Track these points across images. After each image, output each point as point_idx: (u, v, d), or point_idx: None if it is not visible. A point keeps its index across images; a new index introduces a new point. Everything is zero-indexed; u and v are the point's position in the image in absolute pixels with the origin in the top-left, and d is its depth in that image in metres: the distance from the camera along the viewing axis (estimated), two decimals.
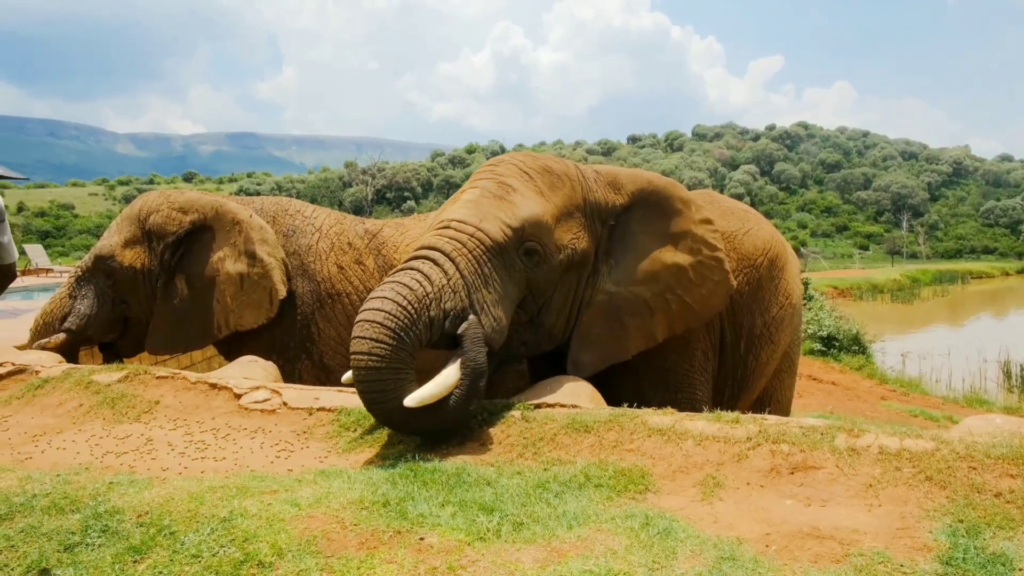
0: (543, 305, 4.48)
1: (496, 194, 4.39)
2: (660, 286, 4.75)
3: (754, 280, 5.46)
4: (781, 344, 5.72)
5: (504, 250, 4.21)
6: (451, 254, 4.09)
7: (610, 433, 3.59)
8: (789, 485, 3.11)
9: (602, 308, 4.68)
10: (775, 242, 5.69)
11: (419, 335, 3.85)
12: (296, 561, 2.50)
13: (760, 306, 5.50)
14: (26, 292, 17.17)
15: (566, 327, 4.67)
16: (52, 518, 2.90)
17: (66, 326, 6.02)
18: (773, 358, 5.72)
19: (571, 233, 4.51)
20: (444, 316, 3.94)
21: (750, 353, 5.51)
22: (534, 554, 2.53)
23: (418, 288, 3.90)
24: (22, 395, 5.06)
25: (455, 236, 4.18)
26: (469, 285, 4.05)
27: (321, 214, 6.28)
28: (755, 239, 5.55)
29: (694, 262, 4.83)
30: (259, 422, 4.40)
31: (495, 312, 4.11)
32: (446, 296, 3.96)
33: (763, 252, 5.53)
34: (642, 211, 4.83)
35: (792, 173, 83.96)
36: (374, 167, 70.66)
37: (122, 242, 6.06)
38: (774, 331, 5.58)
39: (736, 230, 5.52)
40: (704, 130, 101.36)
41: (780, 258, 5.67)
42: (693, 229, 4.87)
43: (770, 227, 5.88)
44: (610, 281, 4.70)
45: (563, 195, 4.55)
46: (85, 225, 61.26)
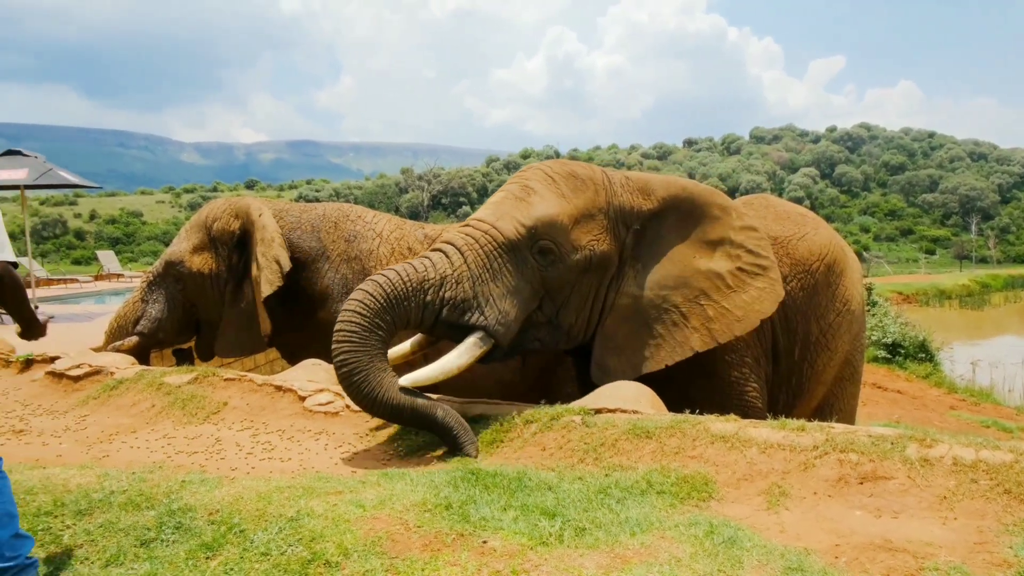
0: (561, 305, 4.53)
1: (518, 196, 4.56)
2: (693, 292, 4.67)
3: (809, 286, 5.33)
4: (839, 351, 5.57)
5: (516, 247, 4.35)
6: (462, 248, 4.30)
7: (672, 439, 3.56)
8: (858, 495, 3.03)
9: (626, 311, 4.66)
10: (833, 247, 5.55)
11: (403, 315, 4.06)
12: (362, 561, 2.53)
13: (816, 312, 5.36)
14: (99, 296, 17.82)
15: (586, 328, 4.69)
16: (129, 514, 3.00)
17: (138, 329, 6.23)
18: (831, 365, 5.57)
19: (590, 235, 4.54)
20: (442, 303, 4.15)
21: (805, 360, 5.39)
22: (597, 560, 2.52)
23: (416, 273, 4.13)
24: (98, 395, 5.25)
25: (470, 233, 4.39)
26: (475, 278, 4.23)
27: (381, 220, 6.36)
28: (811, 244, 5.42)
29: (732, 268, 4.72)
30: (323, 424, 4.49)
31: (501, 305, 4.26)
32: (448, 285, 4.17)
33: (819, 257, 5.40)
34: (675, 217, 4.79)
35: (854, 176, 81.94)
36: (430, 173, 71.32)
37: (190, 248, 6.24)
38: (831, 338, 5.44)
39: (791, 235, 5.41)
40: (762, 133, 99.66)
41: (838, 263, 5.52)
42: (732, 235, 4.78)
43: (829, 231, 5.73)
44: (635, 285, 4.67)
45: (585, 198, 4.59)
46: (153, 232, 63.24)
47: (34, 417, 5.03)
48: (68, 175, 12.01)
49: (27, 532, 2.73)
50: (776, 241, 5.33)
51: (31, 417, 5.02)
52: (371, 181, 78.92)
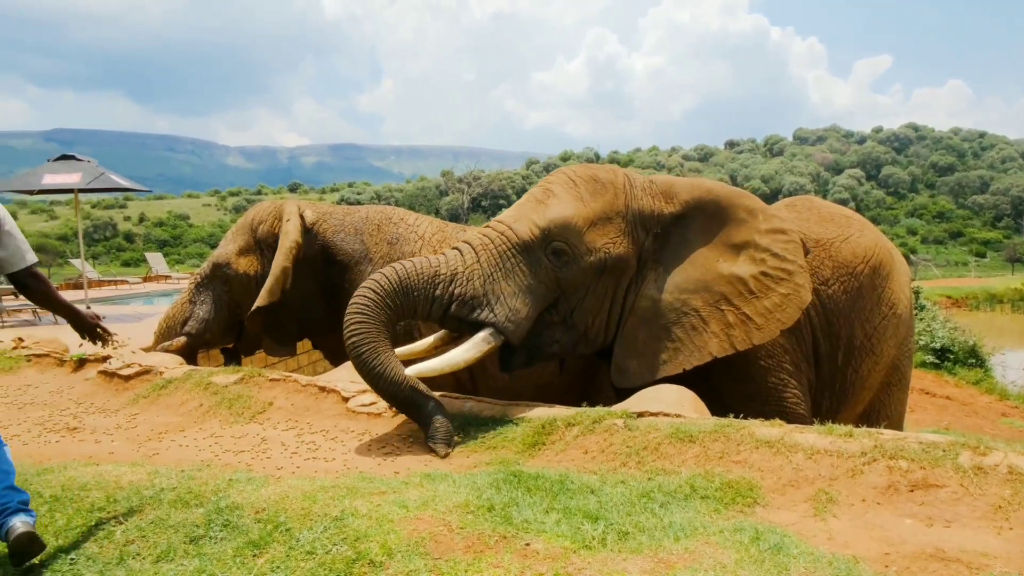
0: (575, 306, 4.57)
1: (538, 199, 4.68)
2: (714, 296, 4.61)
3: (853, 289, 5.23)
4: (885, 356, 5.46)
5: (530, 248, 4.46)
6: (477, 247, 4.46)
7: (716, 444, 3.52)
8: (908, 503, 2.97)
9: (646, 315, 4.64)
10: (879, 249, 5.43)
11: (411, 304, 4.27)
12: (406, 561, 2.55)
13: (861, 316, 5.25)
14: (147, 297, 18.23)
15: (606, 331, 4.70)
16: (178, 511, 3.06)
17: (186, 330, 6.36)
18: (876, 370, 5.46)
19: (606, 238, 4.56)
20: (451, 299, 4.32)
21: (849, 365, 5.29)
22: (641, 564, 2.50)
23: (429, 268, 4.34)
24: (148, 394, 5.37)
25: (487, 233, 4.54)
26: (486, 276, 4.37)
27: (423, 222, 6.41)
28: (855, 246, 5.32)
29: (756, 272, 4.64)
30: (366, 425, 4.53)
31: (512, 303, 4.36)
32: (458, 281, 4.34)
33: (863, 259, 5.29)
34: (700, 220, 4.74)
35: (901, 177, 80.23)
36: (470, 175, 71.56)
37: (236, 250, 6.35)
38: (876, 342, 5.33)
39: (834, 237, 5.32)
40: (806, 134, 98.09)
41: (884, 266, 5.41)
42: (757, 239, 4.69)
43: (875, 234, 5.61)
44: (655, 288, 4.65)
45: (603, 201, 4.62)
46: (199, 234, 64.47)
47: (87, 415, 5.16)
48: (119, 179, 12.31)
49: (21, 488, 2.84)
50: (818, 243, 5.25)
51: (84, 415, 5.16)
52: (412, 184, 79.48)
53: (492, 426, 4.20)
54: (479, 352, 4.30)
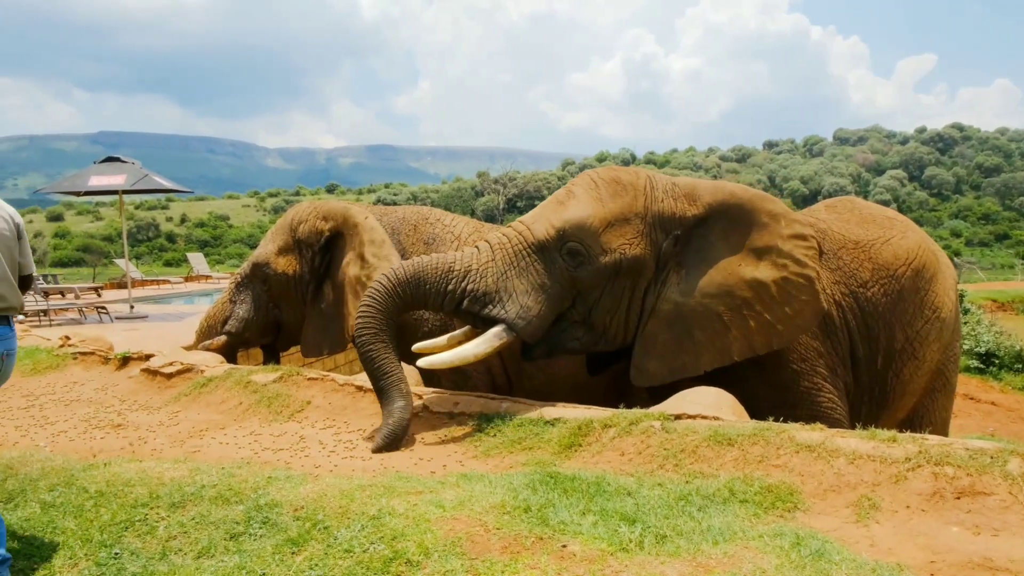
0: (592, 306, 4.64)
1: (559, 200, 4.79)
2: (736, 301, 4.61)
3: (893, 291, 5.13)
4: (928, 360, 5.34)
5: (546, 248, 4.57)
6: (494, 245, 4.61)
7: (755, 447, 3.48)
8: (954, 511, 2.90)
9: (667, 317, 4.65)
10: (922, 251, 5.32)
11: (422, 296, 4.50)
12: (442, 561, 2.56)
13: (902, 319, 5.15)
14: (188, 297, 18.56)
15: (625, 331, 4.73)
16: (219, 508, 3.11)
17: (226, 329, 6.45)
18: (918, 375, 5.34)
19: (623, 239, 4.60)
20: (463, 294, 4.48)
21: (889, 369, 5.18)
22: (679, 568, 2.48)
23: (444, 263, 4.52)
24: (189, 392, 5.46)
25: (506, 232, 4.69)
26: (499, 273, 4.51)
27: (460, 223, 6.42)
28: (896, 248, 5.22)
29: (778, 278, 4.61)
30: None
31: (523, 300, 4.48)
32: (471, 277, 4.50)
33: (905, 262, 5.19)
34: (722, 223, 4.72)
35: (945, 178, 78.57)
36: (505, 176, 71.68)
37: (276, 250, 6.43)
38: (918, 346, 5.22)
39: (874, 238, 5.22)
40: (846, 134, 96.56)
41: (927, 268, 5.29)
42: (780, 244, 4.66)
43: (919, 236, 5.49)
44: (678, 291, 4.66)
45: (621, 203, 4.66)
46: (239, 235, 65.46)
47: (131, 412, 5.26)
48: (162, 180, 12.54)
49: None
50: (857, 245, 5.18)
51: (128, 412, 5.26)
52: (447, 184, 79.83)
53: (528, 427, 4.20)
54: (490, 347, 4.44)
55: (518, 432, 4.16)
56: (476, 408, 4.54)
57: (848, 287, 5.07)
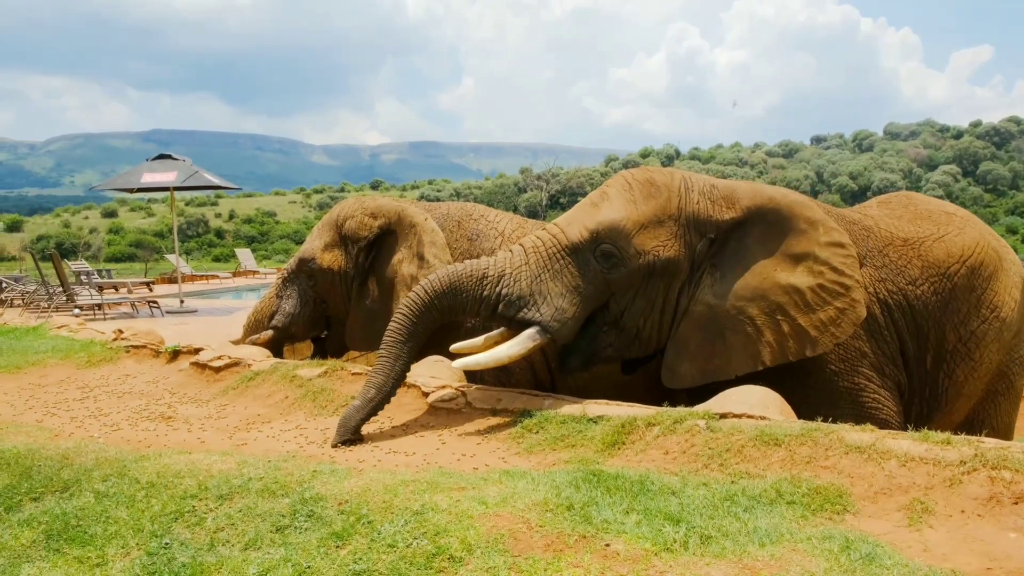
0: (625, 308, 4.62)
1: (593, 202, 4.79)
2: (770, 306, 4.53)
3: (945, 290, 4.97)
4: (984, 362, 5.13)
5: (579, 250, 4.57)
6: (528, 249, 4.63)
7: (803, 448, 3.41)
8: (1012, 516, 2.81)
9: (700, 319, 4.60)
10: (980, 248, 5.12)
11: (460, 304, 4.55)
12: (485, 558, 2.56)
13: (954, 319, 4.98)
14: (236, 292, 18.89)
15: (659, 334, 4.70)
16: (265, 501, 3.16)
17: (273, 323, 6.54)
18: (974, 377, 5.14)
19: (656, 241, 4.57)
20: (498, 299, 4.51)
21: (940, 370, 5.03)
22: (724, 570, 2.44)
23: (479, 269, 4.57)
24: (237, 386, 5.56)
25: (541, 235, 4.69)
26: (533, 276, 4.53)
27: (503, 219, 6.42)
28: (950, 245, 5.05)
29: (814, 284, 4.52)
30: (445, 420, 4.57)
31: (558, 303, 4.50)
32: (505, 282, 4.53)
33: (959, 259, 5.02)
34: (760, 227, 4.65)
35: (1001, 173, 76.23)
36: (548, 173, 71.53)
37: (322, 246, 6.50)
38: (973, 347, 5.03)
39: (926, 236, 5.07)
40: (897, 128, 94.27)
41: (986, 266, 5.09)
42: (817, 251, 4.57)
43: (979, 232, 5.28)
44: (712, 293, 4.61)
45: (656, 204, 4.63)
46: (285, 231, 66.42)
47: (180, 405, 5.38)
48: (212, 177, 12.78)
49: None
50: (906, 242, 5.04)
51: (178, 404, 5.38)
52: (490, 181, 80.00)
53: (571, 424, 4.18)
54: (524, 349, 4.46)
55: (561, 429, 4.14)
56: (519, 405, 4.54)
57: (896, 284, 4.93)
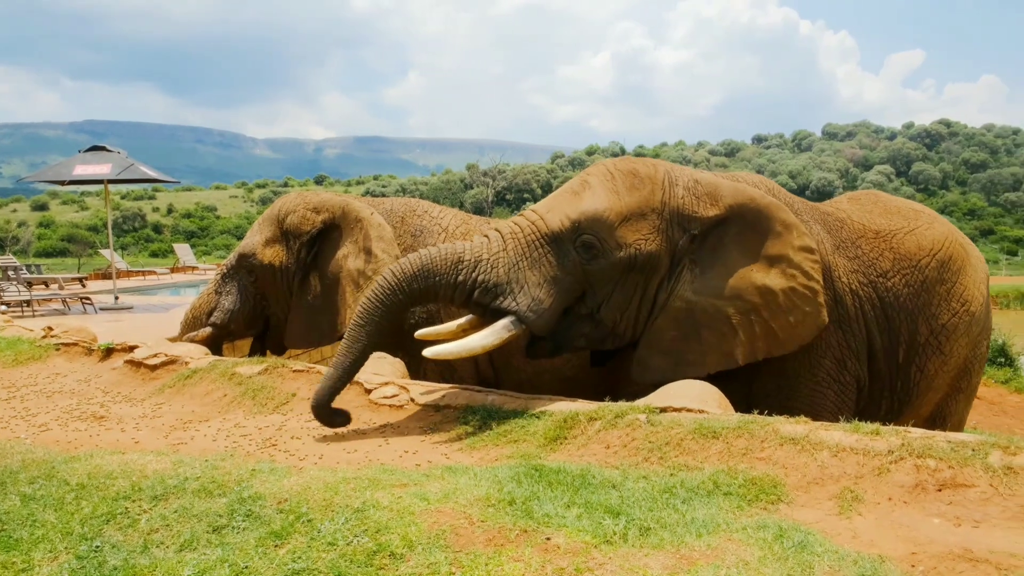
0: (603, 300, 4.56)
1: (574, 190, 4.68)
2: (746, 306, 4.58)
3: (916, 282, 5.04)
4: (954, 356, 5.19)
5: (559, 239, 4.47)
6: (505, 235, 4.50)
7: (739, 440, 3.49)
8: (936, 503, 2.92)
9: (678, 315, 4.60)
10: (949, 243, 5.22)
11: (433, 289, 4.38)
12: (426, 554, 2.55)
13: (926, 312, 5.05)
14: (174, 288, 18.44)
15: (634, 328, 4.67)
16: (202, 500, 3.09)
17: (211, 320, 6.42)
18: (944, 371, 5.19)
19: (638, 234, 4.52)
20: (474, 285, 4.38)
21: (912, 363, 5.07)
22: (663, 560, 2.48)
23: (454, 253, 4.41)
24: (173, 384, 5.43)
25: (518, 222, 4.57)
26: (511, 264, 4.41)
27: (448, 215, 6.41)
28: (920, 238, 5.14)
29: (786, 287, 4.60)
30: (388, 417, 4.54)
31: (535, 292, 4.39)
32: (481, 268, 4.39)
33: (929, 252, 5.11)
34: (738, 226, 4.67)
35: (932, 173, 79.01)
36: (495, 169, 71.54)
37: (262, 241, 6.39)
38: (944, 341, 5.10)
39: (897, 229, 5.16)
40: (835, 129, 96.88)
41: (955, 260, 5.19)
42: (791, 254, 4.63)
43: (945, 227, 5.40)
44: (691, 290, 4.61)
45: (638, 197, 4.57)
46: (226, 226, 65.04)
47: (113, 404, 5.23)
48: (148, 170, 12.43)
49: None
50: (878, 235, 5.13)
51: (111, 404, 5.23)
52: (437, 177, 79.70)
53: (514, 419, 4.19)
54: (498, 339, 4.34)
55: (504, 425, 4.15)
56: (462, 401, 4.54)
57: (867, 276, 5.00)
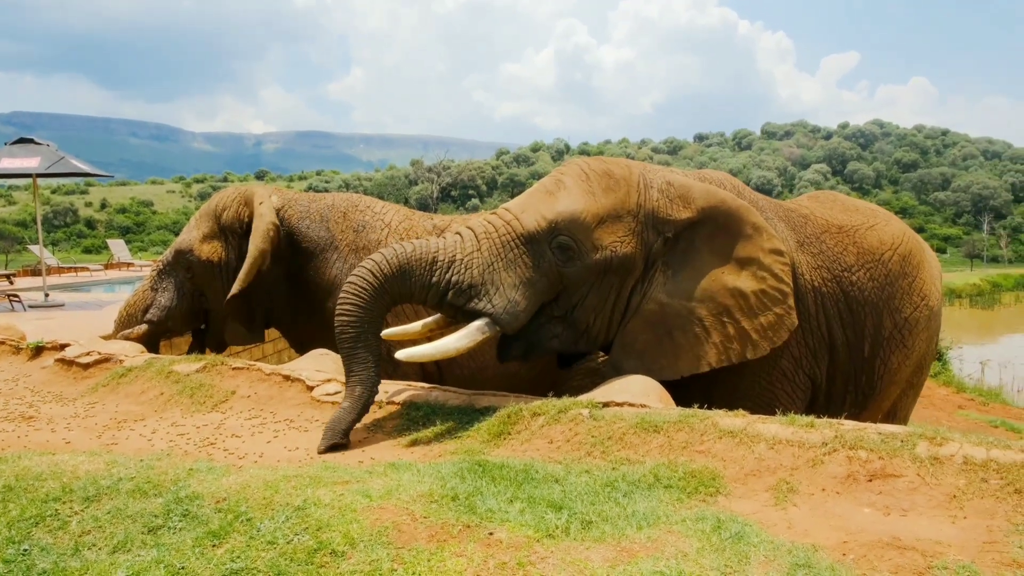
0: (577, 303, 4.51)
1: (548, 189, 4.58)
2: (718, 308, 4.59)
3: (880, 276, 5.10)
4: (916, 349, 5.27)
5: (535, 240, 4.38)
6: (479, 235, 4.37)
7: (680, 434, 3.55)
8: (867, 493, 3.01)
9: (651, 317, 4.58)
10: (907, 238, 5.35)
11: (407, 289, 4.21)
12: (368, 551, 2.53)
13: (890, 305, 5.11)
14: (108, 285, 17.90)
15: (607, 330, 4.64)
16: (136, 501, 3.01)
17: (148, 317, 6.25)
18: (906, 365, 5.25)
19: (614, 236, 4.47)
20: (448, 286, 4.24)
21: (877, 357, 5.12)
22: (603, 553, 2.51)
23: (428, 252, 4.25)
24: (107, 383, 5.27)
25: (492, 221, 4.44)
26: (486, 265, 4.28)
27: (390, 210, 6.36)
28: (881, 234, 5.24)
29: (757, 289, 4.62)
30: (331, 414, 4.48)
31: (511, 294, 4.29)
32: (456, 268, 4.25)
33: (891, 247, 5.20)
34: (709, 229, 4.67)
35: (866, 173, 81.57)
36: (439, 165, 71.31)
37: (200, 237, 6.26)
38: (907, 334, 5.16)
39: (858, 224, 5.24)
40: (774, 128, 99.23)
41: (914, 255, 5.29)
42: (761, 256, 4.66)
43: (901, 225, 5.53)
44: (663, 292, 4.59)
45: (614, 198, 4.52)
46: (163, 221, 63.45)
47: (43, 404, 5.05)
48: (80, 164, 12.04)
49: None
50: (841, 230, 5.20)
51: (40, 404, 5.05)
52: (381, 172, 79.05)
53: (458, 416, 4.19)
54: (472, 341, 4.25)
55: (447, 421, 4.15)
56: (405, 397, 4.51)
57: (831, 271, 5.04)
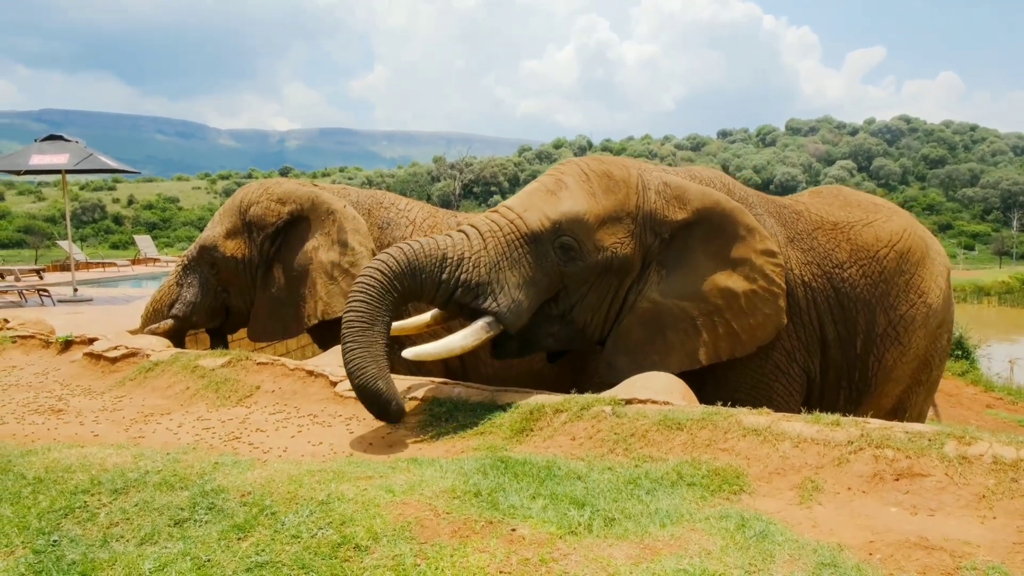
0: (576, 302, 4.59)
1: (550, 189, 4.64)
2: (709, 307, 4.67)
3: (873, 273, 5.11)
4: (913, 347, 5.25)
5: (539, 239, 4.44)
6: (484, 233, 4.42)
7: (703, 431, 3.53)
8: (893, 492, 2.98)
9: (645, 315, 4.67)
10: (908, 235, 5.30)
11: (418, 286, 4.24)
12: (391, 546, 2.54)
13: (884, 302, 5.12)
14: (135, 280, 18.12)
15: (603, 328, 4.73)
16: (163, 494, 3.05)
17: (173, 312, 6.32)
18: (903, 362, 5.25)
19: (615, 237, 4.56)
20: (456, 284, 4.28)
21: (870, 354, 5.14)
22: (626, 550, 2.50)
23: (438, 250, 4.29)
24: (134, 377, 5.34)
25: (496, 219, 4.50)
26: (492, 264, 4.34)
27: (415, 207, 6.38)
28: (878, 230, 5.22)
29: (748, 290, 4.69)
30: (354, 409, 4.51)
31: (515, 294, 4.36)
32: (465, 267, 4.30)
33: (887, 244, 5.18)
34: (704, 229, 4.74)
35: (892, 169, 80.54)
36: (462, 162, 71.38)
37: (224, 233, 6.30)
38: (902, 332, 5.16)
39: (855, 221, 5.23)
40: (798, 124, 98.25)
41: (913, 252, 5.26)
42: (753, 258, 4.73)
43: (905, 220, 5.47)
44: (657, 291, 4.67)
45: (615, 200, 4.60)
46: (188, 217, 64.12)
47: (72, 397, 5.12)
48: (108, 160, 12.19)
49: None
50: (835, 227, 5.20)
51: (69, 397, 5.12)
52: (403, 169, 79.31)
53: (480, 412, 4.20)
54: (477, 340, 4.31)
55: (470, 417, 4.16)
56: (429, 393, 4.53)
57: (821, 268, 5.06)
